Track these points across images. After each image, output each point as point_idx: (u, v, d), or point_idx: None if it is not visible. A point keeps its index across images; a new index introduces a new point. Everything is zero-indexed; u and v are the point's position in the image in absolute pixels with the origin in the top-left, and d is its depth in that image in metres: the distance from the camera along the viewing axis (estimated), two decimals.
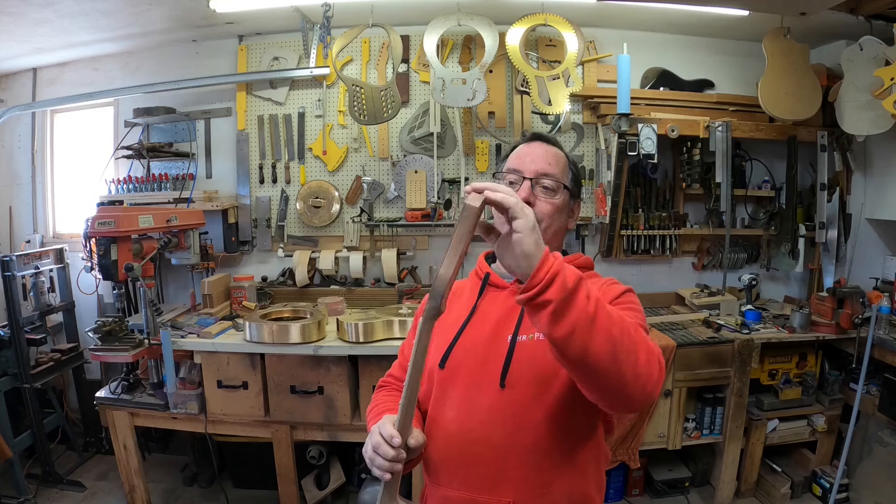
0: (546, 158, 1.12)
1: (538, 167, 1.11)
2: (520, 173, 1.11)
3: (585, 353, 0.77)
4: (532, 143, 1.16)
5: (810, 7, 2.40)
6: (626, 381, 0.80)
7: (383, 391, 1.23)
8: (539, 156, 1.12)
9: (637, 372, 0.80)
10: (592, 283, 1.10)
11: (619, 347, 0.78)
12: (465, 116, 3.01)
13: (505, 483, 0.99)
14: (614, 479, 2.67)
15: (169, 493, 2.81)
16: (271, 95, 3.08)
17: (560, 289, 0.76)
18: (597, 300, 0.78)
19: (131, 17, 2.73)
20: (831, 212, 2.97)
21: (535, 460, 0.98)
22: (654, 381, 0.82)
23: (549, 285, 0.76)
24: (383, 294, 3.03)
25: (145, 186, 3.01)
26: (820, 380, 2.77)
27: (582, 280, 0.78)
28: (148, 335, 2.35)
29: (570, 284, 0.76)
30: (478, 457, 1.00)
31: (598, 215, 3.00)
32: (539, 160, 1.12)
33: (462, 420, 1.03)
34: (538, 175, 1.10)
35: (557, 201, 1.11)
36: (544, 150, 1.14)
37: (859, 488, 2.59)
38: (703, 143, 2.85)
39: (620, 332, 0.79)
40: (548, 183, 1.10)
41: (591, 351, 0.77)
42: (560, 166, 1.13)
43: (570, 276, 0.77)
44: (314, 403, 2.38)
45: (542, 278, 0.76)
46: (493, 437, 0.99)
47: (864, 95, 2.51)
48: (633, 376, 0.80)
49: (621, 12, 2.81)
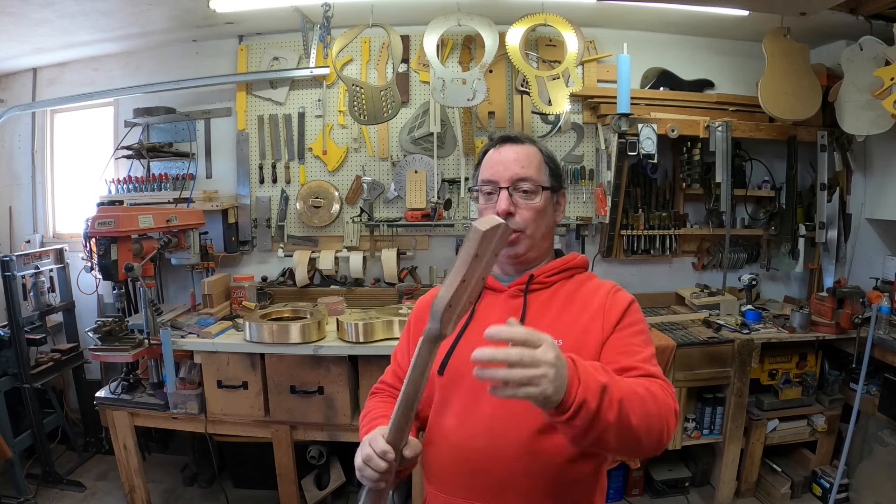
0: (518, 161, 1.09)
1: (512, 173, 1.08)
2: (495, 184, 1.09)
3: (604, 448, 0.84)
4: (501, 148, 1.12)
5: (810, 7, 2.40)
6: (643, 448, 0.86)
7: (376, 398, 1.21)
8: (510, 160, 1.09)
9: (651, 440, 0.84)
10: (592, 288, 1.10)
11: (637, 432, 0.81)
12: (465, 116, 3.01)
13: (511, 492, 0.98)
14: (614, 479, 2.67)
15: (169, 493, 2.81)
16: (271, 95, 3.08)
17: (584, 417, 0.75)
18: (619, 402, 0.78)
19: (131, 17, 2.73)
20: (831, 212, 2.97)
21: (542, 468, 0.97)
22: (669, 439, 0.87)
23: (574, 416, 0.75)
24: (383, 294, 3.03)
25: (145, 186, 3.00)
26: (820, 380, 2.77)
27: (605, 392, 0.77)
28: (148, 335, 2.35)
29: (593, 408, 0.75)
30: (482, 465, 0.99)
31: (598, 215, 3.00)
32: (511, 165, 1.08)
33: (464, 428, 1.02)
34: (513, 181, 1.08)
35: (539, 204, 1.09)
36: (515, 152, 1.10)
37: (859, 488, 2.59)
38: (703, 143, 2.85)
39: (640, 418, 0.81)
40: (526, 187, 1.08)
41: (610, 447, 0.82)
42: (535, 165, 1.10)
43: (592, 398, 0.75)
44: (314, 403, 2.38)
45: (567, 409, 0.74)
46: (498, 445, 0.98)
47: (864, 95, 2.50)
48: (648, 443, 0.85)
49: (621, 12, 2.81)
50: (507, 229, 0.77)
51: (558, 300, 1.09)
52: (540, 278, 1.11)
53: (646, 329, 1.06)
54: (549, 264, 1.14)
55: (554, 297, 1.09)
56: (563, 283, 1.12)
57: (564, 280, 1.12)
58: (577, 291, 1.10)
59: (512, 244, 1.09)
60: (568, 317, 1.05)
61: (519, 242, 1.09)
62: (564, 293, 1.10)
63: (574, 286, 1.11)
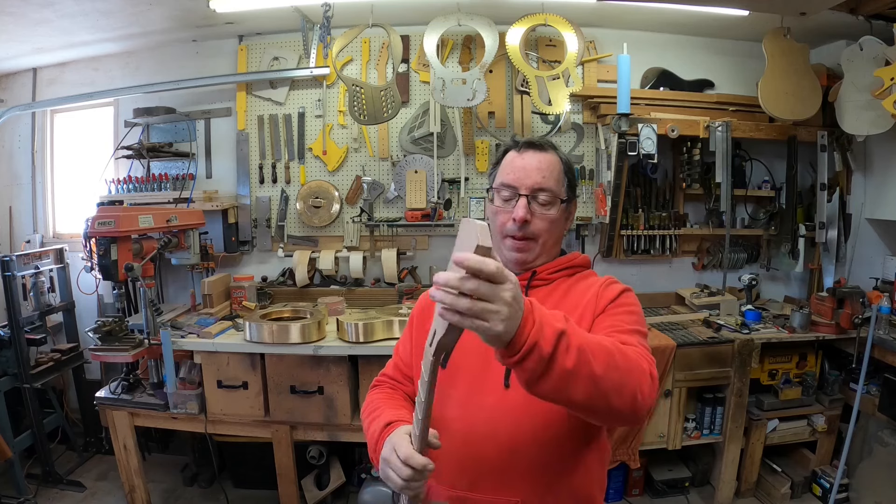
0: (541, 171, 1.09)
1: (533, 181, 1.08)
2: (515, 189, 1.09)
3: (569, 402, 0.79)
4: (525, 154, 1.11)
5: (810, 7, 2.41)
6: (615, 409, 0.81)
7: (377, 390, 1.22)
8: (533, 168, 1.09)
9: (623, 399, 0.81)
10: (589, 283, 1.11)
11: (603, 385, 0.78)
12: (465, 116, 3.01)
13: (513, 483, 0.99)
14: (614, 479, 2.67)
15: (169, 493, 2.81)
16: (271, 95, 3.08)
17: (536, 360, 0.72)
18: (578, 349, 0.75)
19: (131, 17, 2.73)
20: (831, 212, 2.97)
21: (544, 459, 0.98)
22: (644, 402, 0.83)
23: (524, 358, 0.72)
24: (383, 294, 3.03)
25: (145, 186, 3.00)
26: (820, 380, 2.77)
27: (562, 338, 0.73)
28: (148, 335, 2.35)
29: (546, 352, 0.72)
30: (484, 456, 1.00)
31: (598, 215, 3.00)
32: (533, 173, 1.08)
33: (466, 419, 1.03)
34: (534, 191, 1.08)
35: (554, 215, 1.09)
36: (538, 160, 1.10)
37: (859, 488, 2.59)
38: (703, 143, 2.85)
39: (606, 369, 0.78)
40: (544, 198, 1.08)
41: (575, 400, 0.78)
42: (555, 176, 1.10)
43: (546, 342, 0.72)
44: (314, 403, 2.38)
45: (517, 350, 0.71)
46: (500, 437, 0.99)
47: (864, 95, 2.51)
48: (620, 403, 0.80)
49: (621, 12, 2.81)
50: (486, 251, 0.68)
51: (556, 295, 1.11)
52: (542, 275, 1.13)
53: (638, 312, 1.04)
54: (551, 262, 1.15)
55: (553, 292, 1.12)
56: (563, 280, 1.14)
57: (565, 277, 1.15)
58: (574, 286, 1.12)
59: (522, 251, 1.10)
60: (563, 309, 1.05)
61: (530, 250, 1.11)
62: (563, 289, 1.12)
63: (573, 282, 1.14)
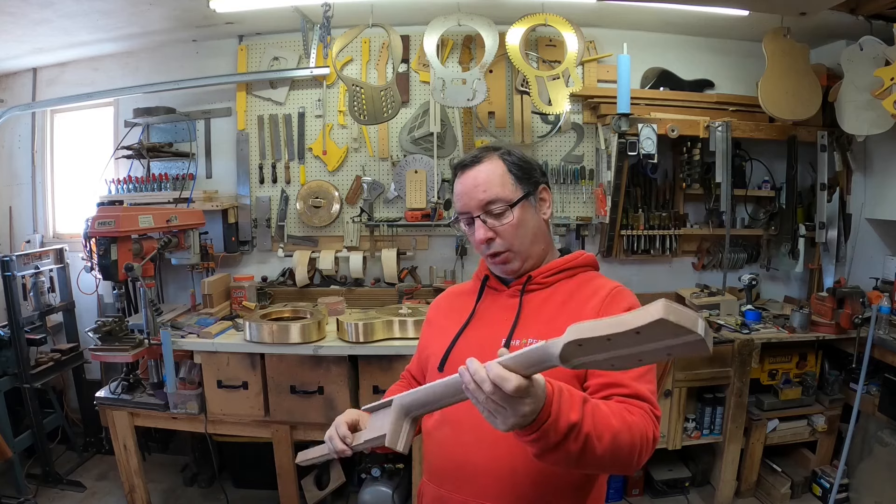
0: (478, 187, 1.07)
1: (478, 200, 1.07)
2: (468, 214, 1.09)
3: (565, 466, 0.85)
4: (462, 177, 1.10)
5: (810, 7, 2.41)
6: (605, 471, 0.92)
7: (396, 384, 1.28)
8: (471, 187, 1.08)
9: (617, 466, 0.87)
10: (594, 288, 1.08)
11: (604, 461, 0.83)
12: (465, 116, 3.01)
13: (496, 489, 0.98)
14: (614, 479, 2.67)
15: (169, 493, 2.81)
16: (271, 95, 3.08)
17: (543, 445, 0.78)
18: (586, 435, 0.79)
19: (131, 17, 2.73)
20: (831, 212, 2.97)
21: (529, 468, 0.97)
22: (640, 465, 0.88)
23: (533, 441, 0.77)
24: (383, 294, 3.02)
25: (145, 186, 3.00)
26: (820, 380, 2.77)
27: (573, 429, 0.78)
28: (148, 335, 2.35)
29: (554, 441, 0.77)
30: (468, 460, 1.00)
31: (598, 215, 3.00)
32: (474, 192, 1.07)
33: (455, 423, 1.03)
34: (483, 208, 1.07)
35: (513, 220, 1.07)
36: (473, 177, 1.08)
37: (859, 488, 2.59)
38: (703, 143, 2.85)
39: (609, 448, 0.81)
40: (496, 209, 1.07)
41: (571, 467, 0.84)
42: (496, 182, 1.07)
43: (557, 434, 0.77)
44: (314, 403, 2.38)
45: (528, 434, 0.77)
46: (485, 442, 0.98)
47: (864, 95, 2.50)
48: (617, 469, 0.89)
49: (621, 12, 2.81)
50: (703, 345, 0.58)
51: (557, 299, 1.08)
52: (538, 279, 1.11)
53: None
54: (548, 264, 1.13)
55: (552, 296, 1.09)
56: (564, 282, 1.12)
57: (566, 279, 1.12)
58: (578, 290, 1.09)
59: (505, 263, 1.11)
60: (566, 316, 1.05)
61: (510, 261, 1.11)
62: (564, 292, 1.09)
63: (576, 285, 1.11)
